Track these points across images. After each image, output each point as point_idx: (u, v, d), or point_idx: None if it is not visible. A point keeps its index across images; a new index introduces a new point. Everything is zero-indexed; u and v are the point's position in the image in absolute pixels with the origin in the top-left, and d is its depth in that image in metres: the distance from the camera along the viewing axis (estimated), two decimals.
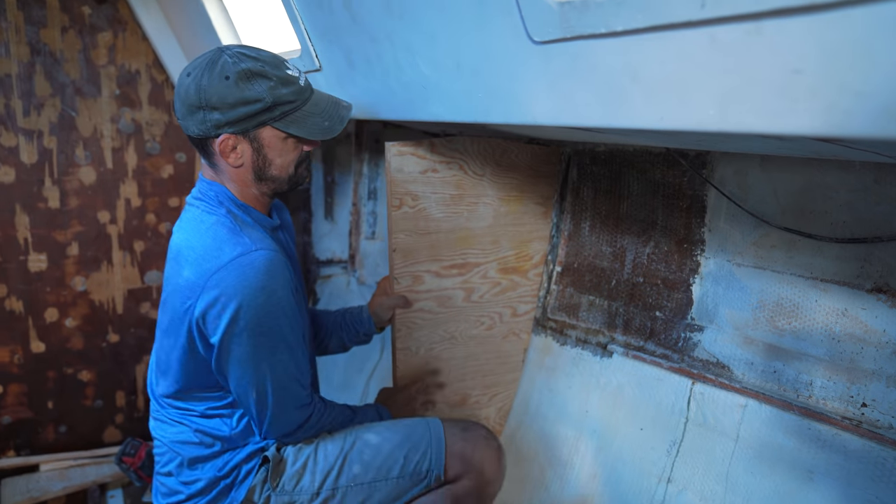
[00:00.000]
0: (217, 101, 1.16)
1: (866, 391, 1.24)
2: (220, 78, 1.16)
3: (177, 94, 1.22)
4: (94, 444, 2.68)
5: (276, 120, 1.21)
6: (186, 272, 1.20)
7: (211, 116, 1.18)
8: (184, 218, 1.31)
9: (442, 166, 1.58)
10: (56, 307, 2.51)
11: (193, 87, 1.17)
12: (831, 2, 0.54)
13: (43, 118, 2.35)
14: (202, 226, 1.24)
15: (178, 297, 1.22)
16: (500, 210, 1.73)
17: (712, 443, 1.46)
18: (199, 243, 1.21)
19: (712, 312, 1.50)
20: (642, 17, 0.71)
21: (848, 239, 1.25)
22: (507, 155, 1.70)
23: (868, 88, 0.56)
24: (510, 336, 1.89)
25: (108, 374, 2.67)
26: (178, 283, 1.22)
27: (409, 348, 1.69)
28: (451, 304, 1.72)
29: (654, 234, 1.62)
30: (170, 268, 1.28)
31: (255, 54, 1.20)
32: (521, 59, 0.94)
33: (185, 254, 1.23)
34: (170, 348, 1.29)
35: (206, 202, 1.28)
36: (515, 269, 1.83)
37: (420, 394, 1.70)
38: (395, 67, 1.28)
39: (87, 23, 2.35)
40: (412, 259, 1.62)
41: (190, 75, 1.18)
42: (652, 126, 0.81)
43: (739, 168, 1.41)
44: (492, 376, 1.89)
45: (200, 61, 1.19)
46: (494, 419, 1.95)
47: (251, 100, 1.17)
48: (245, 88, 1.17)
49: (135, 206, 2.58)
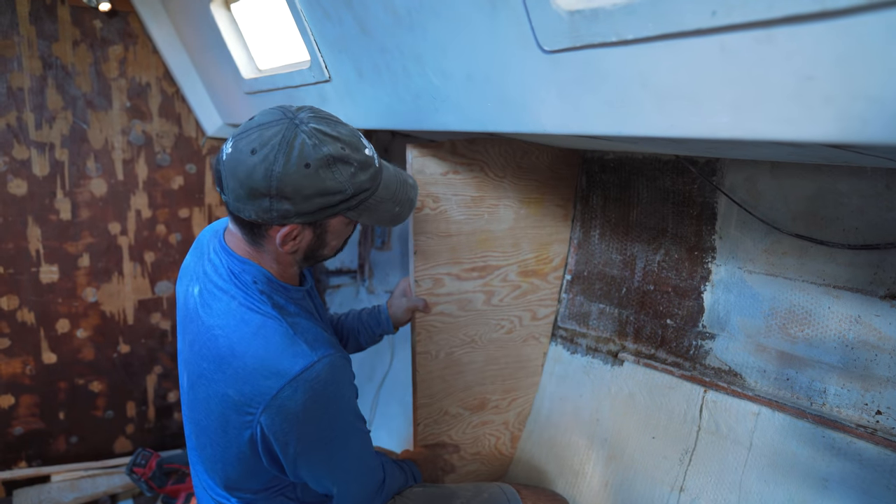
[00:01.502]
0: (291, 191, 0.99)
1: (881, 398, 1.22)
2: (299, 166, 0.98)
3: (232, 172, 1.00)
4: (105, 455, 2.69)
5: (350, 209, 1.07)
6: (240, 385, 1.05)
7: (279, 206, 1.00)
8: (216, 308, 1.10)
9: (463, 168, 1.58)
10: (67, 318, 2.52)
11: (262, 172, 0.98)
12: (843, 8, 0.54)
13: (55, 131, 2.38)
14: (247, 327, 1.07)
15: (228, 407, 1.07)
16: (520, 212, 1.73)
17: (725, 451, 1.45)
18: (250, 352, 1.05)
19: (724, 320, 1.49)
20: (652, 26, 0.71)
21: (860, 245, 1.24)
22: (528, 157, 1.69)
23: (884, 94, 0.56)
24: (530, 340, 1.88)
25: (118, 384, 2.68)
26: (227, 393, 1.06)
27: (430, 352, 1.67)
28: (471, 307, 1.71)
29: (664, 242, 1.62)
30: (207, 366, 1.10)
31: (334, 132, 1.02)
32: (531, 68, 0.95)
33: (233, 363, 1.05)
34: (221, 447, 1.13)
35: (242, 290, 1.10)
36: (535, 272, 1.83)
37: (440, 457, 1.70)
38: (404, 77, 1.29)
39: (98, 36, 2.38)
40: (433, 261, 1.61)
41: (256, 153, 0.98)
42: (663, 134, 0.81)
43: (750, 175, 1.41)
44: (511, 380, 1.88)
45: (269, 136, 0.99)
46: (513, 424, 1.94)
47: (331, 191, 1.02)
48: (326, 178, 1.00)
49: (145, 217, 2.60)
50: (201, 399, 1.13)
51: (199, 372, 1.12)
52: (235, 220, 1.09)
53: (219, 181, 1.05)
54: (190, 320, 1.16)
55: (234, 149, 1.01)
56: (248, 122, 1.04)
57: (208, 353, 1.09)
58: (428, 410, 1.71)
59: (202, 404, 1.13)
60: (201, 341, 1.11)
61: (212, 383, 1.09)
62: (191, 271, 1.22)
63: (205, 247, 1.22)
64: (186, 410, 1.23)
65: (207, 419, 1.13)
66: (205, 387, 1.11)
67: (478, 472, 1.89)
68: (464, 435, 1.82)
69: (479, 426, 1.85)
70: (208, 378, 1.10)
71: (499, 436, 1.91)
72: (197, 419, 1.17)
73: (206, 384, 1.11)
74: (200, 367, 1.11)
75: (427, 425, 1.72)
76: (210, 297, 1.12)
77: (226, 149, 1.03)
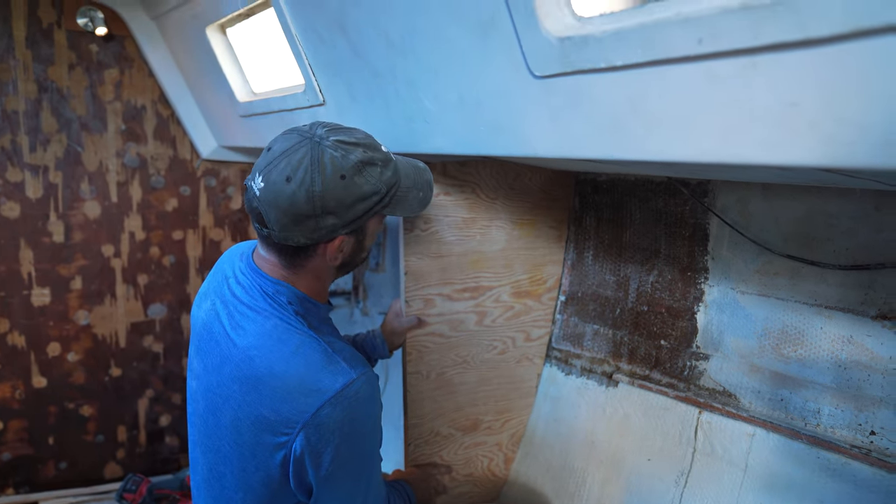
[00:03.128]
0: (335, 205, 1.02)
1: (874, 419, 1.22)
2: (336, 179, 1.01)
3: (272, 204, 1.02)
4: (95, 481, 2.66)
5: (386, 206, 1.11)
6: (277, 405, 1.04)
7: (326, 223, 1.03)
8: (250, 329, 1.10)
9: (454, 190, 1.59)
10: (58, 341, 2.51)
11: (304, 196, 1.00)
12: (825, 36, 0.56)
13: (49, 154, 2.38)
14: (286, 347, 1.07)
15: (262, 429, 1.06)
16: (513, 233, 1.73)
17: (721, 472, 1.44)
18: (290, 371, 1.05)
19: (717, 340, 1.50)
20: (641, 52, 0.73)
21: (851, 266, 1.25)
22: (520, 179, 1.70)
23: (866, 120, 0.57)
24: (523, 361, 1.88)
25: (109, 408, 2.66)
26: (263, 414, 1.05)
27: (421, 372, 1.67)
28: (463, 327, 1.71)
29: (657, 263, 1.62)
30: (238, 388, 1.09)
31: (353, 139, 1.06)
32: (523, 92, 0.96)
33: (271, 383, 1.05)
34: (246, 474, 1.11)
35: (278, 310, 1.10)
36: (529, 293, 1.83)
37: (432, 477, 1.68)
38: (397, 101, 1.30)
39: (94, 60, 2.40)
40: (424, 282, 1.61)
41: (291, 181, 1.00)
42: (653, 158, 0.82)
43: (741, 196, 1.42)
44: (504, 402, 1.87)
45: (297, 160, 1.01)
46: (507, 445, 1.92)
47: (368, 194, 1.05)
48: (362, 183, 1.04)
49: (139, 239, 2.60)
50: (226, 425, 1.11)
51: (225, 395, 1.11)
52: (279, 248, 1.10)
53: (258, 218, 1.06)
54: (216, 343, 1.15)
55: (266, 182, 1.02)
56: (268, 153, 1.06)
57: (241, 374, 1.09)
58: (419, 430, 1.70)
59: (227, 430, 1.11)
60: (233, 363, 1.10)
61: (243, 406, 1.08)
62: (212, 295, 1.21)
63: (228, 270, 1.22)
64: (202, 439, 1.19)
65: (232, 445, 1.11)
66: (232, 410, 1.10)
67: (470, 493, 1.88)
68: (456, 456, 1.80)
69: (472, 447, 1.84)
70: (238, 401, 1.09)
71: (492, 457, 1.89)
72: (217, 447, 1.14)
73: (234, 408, 1.09)
74: (229, 391, 1.10)
75: (418, 445, 1.71)
76: (242, 319, 1.12)
77: (255, 185, 1.04)
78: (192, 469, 1.25)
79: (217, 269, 1.27)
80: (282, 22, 1.49)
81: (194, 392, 1.21)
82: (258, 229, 1.08)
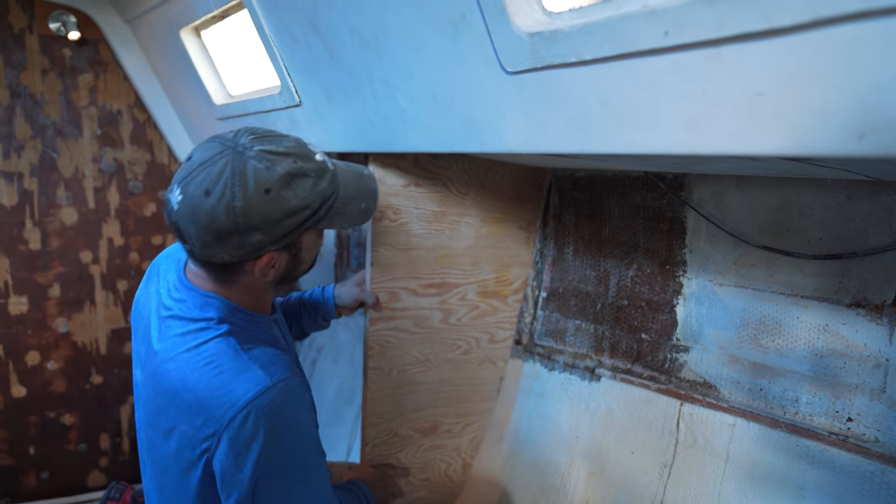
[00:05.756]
0: (260, 221, 0.95)
1: (851, 406, 1.24)
2: (259, 193, 0.94)
3: (190, 219, 0.95)
4: (78, 490, 2.62)
5: (320, 220, 1.04)
6: (192, 419, 1.00)
7: (251, 239, 0.97)
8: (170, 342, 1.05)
9: (425, 182, 1.56)
10: (37, 350, 2.47)
11: (223, 211, 0.93)
12: (788, 26, 0.56)
13: (23, 160, 2.35)
14: (199, 357, 1.02)
15: (184, 444, 1.02)
16: (481, 231, 1.71)
17: (703, 463, 1.45)
18: (202, 383, 1.00)
19: (697, 333, 1.51)
20: (609, 46, 0.73)
21: (825, 255, 1.27)
22: (492, 175, 1.68)
23: (828, 108, 0.58)
24: (486, 363, 1.84)
25: (91, 416, 2.63)
26: (181, 429, 1.01)
27: (382, 368, 1.62)
28: (427, 324, 1.67)
29: (636, 257, 1.63)
30: (162, 402, 1.04)
31: (281, 148, 0.99)
32: (496, 89, 0.96)
33: (185, 396, 1.00)
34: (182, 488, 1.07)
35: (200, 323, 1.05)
36: (495, 293, 1.80)
37: (389, 477, 1.64)
38: (373, 100, 1.30)
39: (67, 65, 2.37)
40: (390, 274, 1.57)
41: (210, 195, 0.93)
42: (624, 151, 0.83)
43: (716, 189, 1.43)
44: (466, 404, 1.82)
45: (217, 172, 0.94)
46: (465, 450, 1.87)
47: (298, 209, 0.99)
48: (289, 197, 0.97)
49: (117, 245, 2.57)
50: (160, 437, 1.07)
51: (156, 408, 1.06)
52: (203, 263, 1.04)
53: (177, 232, 1.00)
54: (147, 354, 1.11)
55: (184, 195, 0.96)
56: (188, 162, 0.99)
57: (162, 387, 1.04)
58: (377, 430, 1.66)
59: (163, 443, 1.07)
60: (155, 377, 1.06)
61: (168, 419, 1.04)
62: (145, 304, 1.17)
63: (161, 279, 1.16)
64: (146, 451, 1.15)
65: (167, 458, 1.06)
66: (161, 424, 1.05)
67: (426, 499, 1.82)
68: (413, 458, 1.76)
69: (431, 450, 1.79)
70: (164, 414, 1.04)
71: (450, 462, 1.85)
72: (158, 458, 1.10)
73: (161, 421, 1.05)
74: (157, 403, 1.06)
75: (375, 445, 1.67)
76: (167, 331, 1.07)
77: (173, 198, 0.97)
78: (145, 480, 1.20)
79: (150, 276, 1.22)
80: (255, 23, 1.48)
81: (137, 403, 1.16)
82: (181, 245, 1.03)
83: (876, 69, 0.53)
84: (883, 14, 0.50)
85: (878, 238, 1.20)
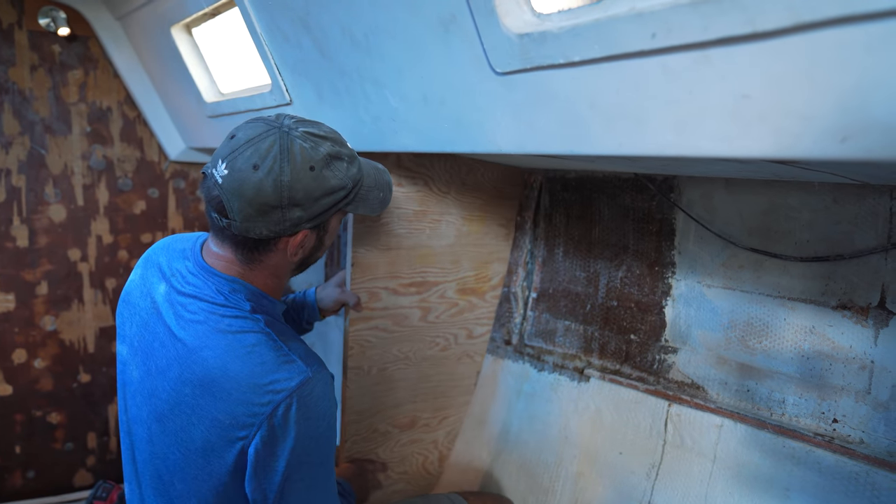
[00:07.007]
0: (302, 196, 1.00)
1: (836, 407, 1.25)
2: (305, 170, 0.99)
3: (236, 192, 0.98)
4: (65, 489, 2.60)
5: (349, 203, 1.09)
6: (232, 407, 1.00)
7: (291, 215, 1.01)
8: (202, 329, 1.05)
9: (407, 181, 1.57)
10: (24, 348, 2.45)
11: (271, 185, 0.97)
12: (771, 30, 0.57)
13: (11, 157, 2.33)
14: (240, 346, 1.03)
15: (215, 433, 1.02)
16: (462, 229, 1.72)
17: (690, 464, 1.46)
18: (245, 371, 1.01)
19: (685, 334, 1.52)
20: (598, 48, 0.73)
21: (812, 257, 1.28)
22: (473, 174, 1.69)
23: (811, 111, 0.58)
24: (464, 358, 1.86)
25: (79, 415, 2.60)
26: (216, 417, 1.01)
27: (362, 367, 1.63)
28: (406, 323, 1.68)
29: (626, 258, 1.64)
30: (190, 391, 1.03)
31: (321, 132, 1.04)
32: (485, 89, 0.96)
33: (225, 385, 1.01)
34: (198, 482, 1.06)
35: (233, 310, 1.06)
36: (474, 290, 1.82)
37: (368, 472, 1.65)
38: (364, 100, 1.30)
39: (56, 61, 2.35)
40: (370, 274, 1.58)
41: (259, 169, 0.97)
42: (612, 152, 0.83)
43: (706, 191, 1.44)
44: (443, 399, 1.85)
45: (265, 148, 0.98)
46: (442, 443, 1.90)
47: (335, 188, 1.04)
48: (329, 177, 1.02)
49: (106, 242, 2.55)
50: (174, 431, 1.06)
51: (175, 400, 1.05)
52: (237, 241, 1.06)
53: (219, 207, 1.01)
54: (160, 345, 1.09)
55: (230, 169, 0.98)
56: (231, 140, 1.01)
57: (192, 376, 1.03)
58: (357, 427, 1.67)
59: (175, 437, 1.06)
60: (182, 365, 1.05)
61: (195, 409, 1.03)
62: (142, 295, 1.15)
63: (166, 268, 1.15)
64: (146, 446, 1.12)
65: (181, 452, 1.06)
66: (184, 415, 1.04)
67: (404, 491, 1.85)
68: (392, 453, 1.78)
69: (408, 444, 1.82)
70: (189, 405, 1.04)
71: (427, 455, 1.88)
72: (164, 454, 1.08)
73: (185, 412, 1.04)
74: (178, 395, 1.05)
75: (355, 442, 1.68)
76: (193, 319, 1.06)
77: (218, 172, 1.00)
78: (129, 481, 1.18)
79: (148, 264, 1.20)
80: (246, 21, 1.48)
81: (135, 401, 1.14)
82: (216, 220, 1.04)
83: (857, 73, 0.54)
84: (863, 19, 0.50)
85: (864, 241, 1.21)
